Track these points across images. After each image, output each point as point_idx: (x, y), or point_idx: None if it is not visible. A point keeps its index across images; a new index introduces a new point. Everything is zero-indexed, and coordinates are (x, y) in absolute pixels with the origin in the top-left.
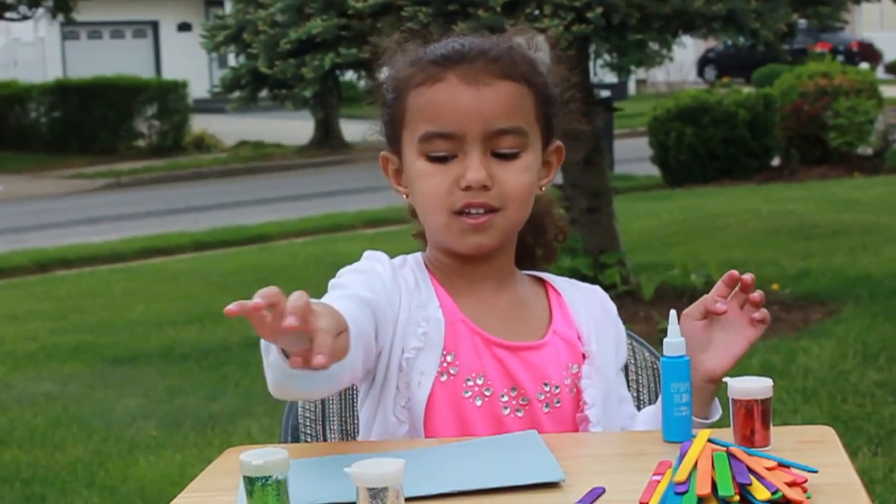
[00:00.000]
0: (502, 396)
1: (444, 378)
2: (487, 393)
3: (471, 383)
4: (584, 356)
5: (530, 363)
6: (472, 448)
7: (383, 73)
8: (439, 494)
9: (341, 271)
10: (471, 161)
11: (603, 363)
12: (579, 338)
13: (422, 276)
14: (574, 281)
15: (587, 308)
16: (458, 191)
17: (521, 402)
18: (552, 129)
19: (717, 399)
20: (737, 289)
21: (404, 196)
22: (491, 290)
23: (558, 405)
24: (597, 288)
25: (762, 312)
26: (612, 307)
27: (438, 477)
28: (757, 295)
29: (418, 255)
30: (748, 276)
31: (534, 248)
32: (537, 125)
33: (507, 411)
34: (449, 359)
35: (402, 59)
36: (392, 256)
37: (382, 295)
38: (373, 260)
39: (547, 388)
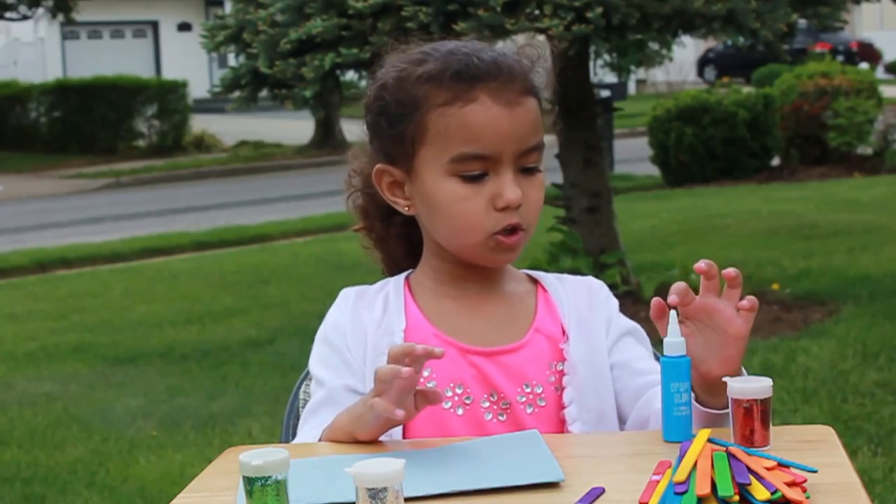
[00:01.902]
0: (483, 402)
1: None
2: (468, 401)
3: (450, 394)
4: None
5: (508, 366)
6: (472, 448)
7: (378, 89)
8: (439, 494)
9: (315, 344)
10: (505, 180)
11: (586, 356)
12: (564, 333)
13: (396, 299)
14: (566, 276)
15: (574, 301)
16: (493, 212)
17: (502, 407)
18: None
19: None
20: (726, 288)
21: (405, 209)
22: (478, 292)
23: (542, 405)
24: (589, 279)
25: (749, 300)
26: (601, 290)
27: (438, 477)
28: (732, 271)
29: (401, 276)
30: (703, 265)
31: None
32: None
33: (490, 416)
34: (426, 373)
35: (405, 71)
36: (375, 279)
37: (349, 356)
38: (336, 311)
39: (528, 390)
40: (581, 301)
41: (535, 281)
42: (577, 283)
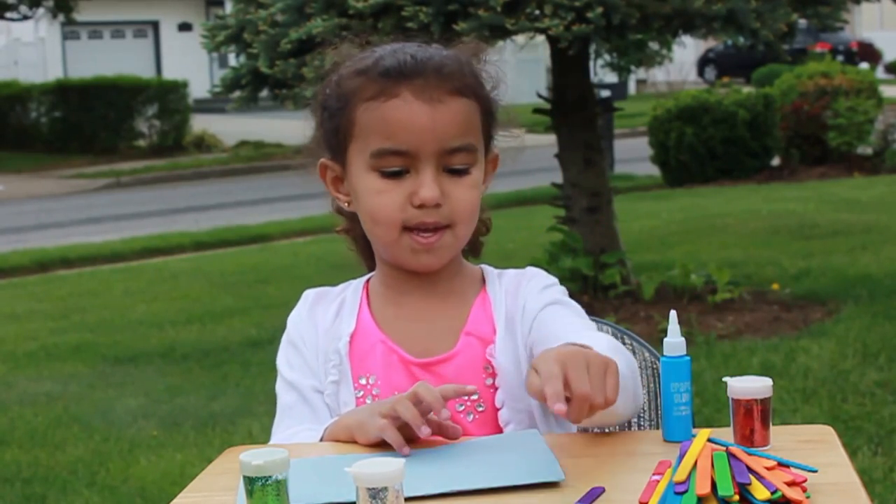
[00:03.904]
0: None
1: (368, 401)
2: None
3: None
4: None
5: (443, 377)
6: (472, 447)
7: (325, 84)
8: (439, 494)
9: (281, 344)
10: (424, 178)
11: (514, 352)
12: (495, 331)
13: (352, 303)
14: (508, 271)
15: (506, 296)
16: (410, 208)
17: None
18: (491, 139)
19: None
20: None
21: (346, 204)
22: (420, 297)
23: (481, 410)
24: (526, 269)
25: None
26: (534, 277)
27: (438, 477)
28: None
29: (363, 279)
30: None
31: None
32: (482, 137)
33: None
34: (372, 380)
35: (345, 66)
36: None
37: (309, 357)
38: (295, 313)
39: (465, 398)
40: (510, 292)
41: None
42: (514, 276)
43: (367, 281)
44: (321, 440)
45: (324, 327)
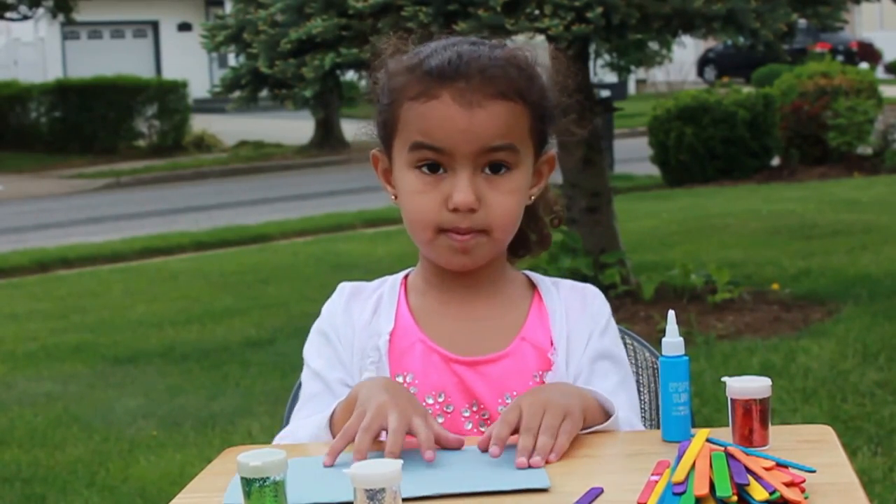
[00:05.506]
0: (464, 412)
1: None
2: (449, 409)
3: (431, 401)
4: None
5: (490, 377)
6: (470, 454)
7: (379, 73)
8: (437, 495)
9: (311, 333)
10: (459, 181)
11: (566, 366)
12: (552, 343)
13: (389, 300)
14: (563, 281)
15: (567, 309)
16: (445, 211)
17: (482, 417)
18: (545, 141)
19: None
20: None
21: (392, 197)
22: (467, 295)
23: None
24: (586, 286)
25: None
26: (595, 299)
27: (435, 480)
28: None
29: (401, 275)
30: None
31: (528, 233)
32: (530, 140)
33: (470, 426)
34: (409, 379)
35: (397, 60)
36: (371, 274)
37: (340, 350)
38: (330, 304)
39: (508, 400)
40: (573, 309)
41: (533, 285)
42: (572, 289)
43: (405, 277)
44: (331, 417)
45: (361, 323)
